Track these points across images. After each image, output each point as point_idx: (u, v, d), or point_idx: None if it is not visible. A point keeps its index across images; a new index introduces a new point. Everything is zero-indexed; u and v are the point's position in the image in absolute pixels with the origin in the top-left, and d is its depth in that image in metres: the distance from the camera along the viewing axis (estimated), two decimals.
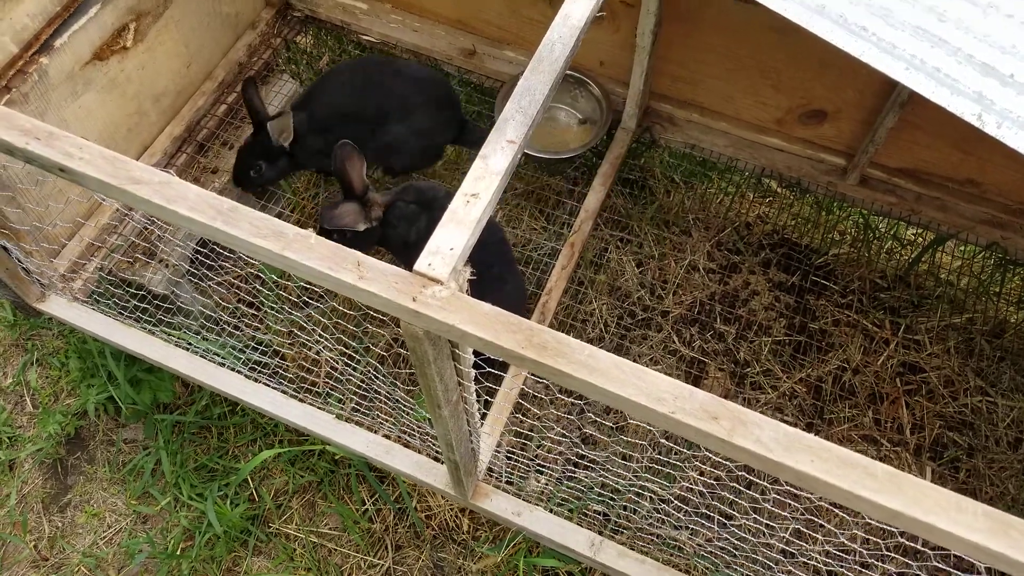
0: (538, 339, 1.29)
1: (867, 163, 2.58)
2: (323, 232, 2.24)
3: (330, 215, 2.28)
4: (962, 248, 2.70)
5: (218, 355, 2.44)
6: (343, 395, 2.40)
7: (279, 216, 2.85)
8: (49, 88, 2.35)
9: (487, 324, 1.31)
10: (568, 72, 2.86)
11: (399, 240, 2.38)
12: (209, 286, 2.60)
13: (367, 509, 2.55)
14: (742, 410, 1.21)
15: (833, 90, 2.47)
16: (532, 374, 2.30)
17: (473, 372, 1.63)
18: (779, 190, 2.87)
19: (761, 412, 2.41)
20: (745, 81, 2.58)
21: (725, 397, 2.43)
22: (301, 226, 2.81)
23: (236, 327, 2.55)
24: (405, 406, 2.01)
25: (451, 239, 1.40)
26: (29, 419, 2.86)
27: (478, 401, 1.76)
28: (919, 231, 2.78)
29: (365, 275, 1.36)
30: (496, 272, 2.26)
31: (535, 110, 1.55)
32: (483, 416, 2.30)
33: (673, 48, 2.57)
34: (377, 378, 1.93)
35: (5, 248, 2.31)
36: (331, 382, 2.41)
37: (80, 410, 2.79)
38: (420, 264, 1.37)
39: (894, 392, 2.44)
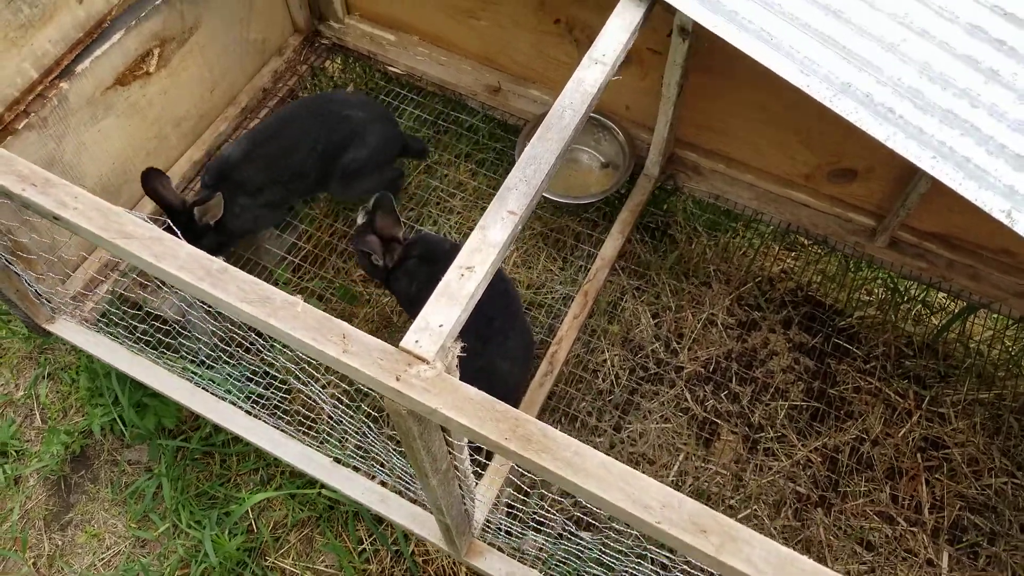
0: (523, 430, 1.23)
1: (897, 226, 2.48)
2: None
3: (360, 239, 2.34)
4: (994, 318, 2.59)
5: (221, 387, 2.42)
6: (342, 437, 2.36)
7: (292, 247, 2.82)
8: (69, 113, 2.35)
9: (471, 410, 1.25)
10: (592, 115, 2.81)
11: (403, 292, 2.34)
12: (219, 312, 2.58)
13: (364, 549, 2.51)
14: (733, 525, 1.14)
15: (865, 149, 2.38)
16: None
17: (466, 441, 1.58)
18: (806, 243, 2.78)
19: (773, 480, 2.36)
20: (773, 135, 2.50)
21: (736, 463, 2.37)
22: (315, 257, 2.83)
23: (245, 352, 2.52)
24: (397, 464, 1.96)
25: (441, 315, 1.35)
26: (37, 433, 2.86)
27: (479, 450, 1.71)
28: (950, 297, 2.67)
29: (349, 348, 1.32)
30: (498, 325, 2.21)
31: (540, 180, 1.50)
32: (484, 466, 2.24)
33: (700, 98, 2.50)
34: (368, 436, 1.89)
35: (16, 270, 2.31)
36: (332, 420, 2.37)
37: (87, 428, 2.79)
38: (407, 340, 1.32)
39: (914, 468, 2.34)
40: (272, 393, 2.40)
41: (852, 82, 1.50)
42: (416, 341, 1.31)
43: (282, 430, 2.30)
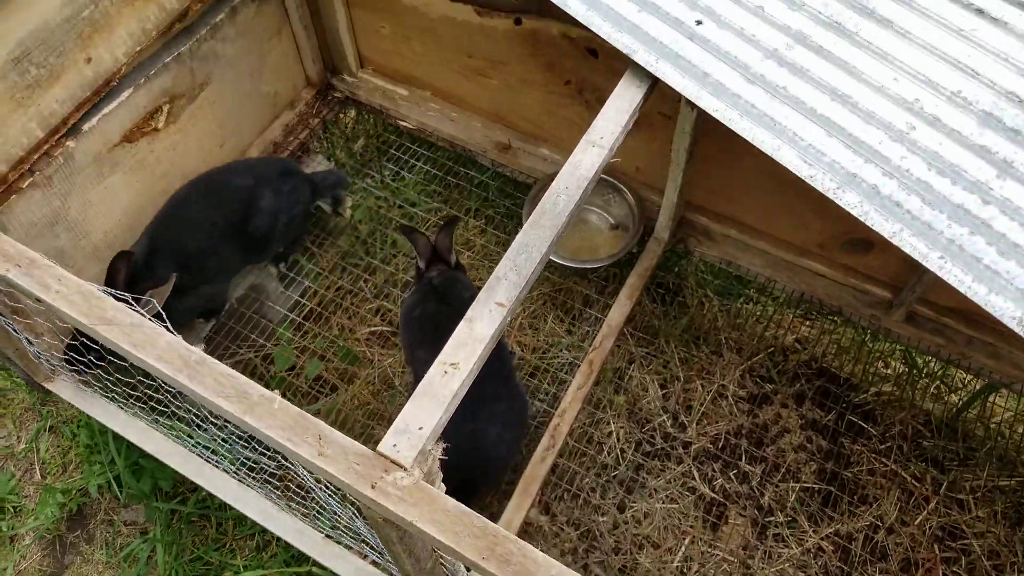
0: (502, 549, 1.16)
1: (915, 300, 2.39)
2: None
3: (416, 235, 2.45)
4: (1015, 399, 2.48)
5: (214, 454, 2.37)
6: (332, 515, 2.30)
7: (295, 304, 2.79)
8: (74, 171, 2.34)
9: (448, 525, 1.19)
10: (603, 176, 2.76)
11: (406, 306, 2.42)
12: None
13: None
14: None
15: None
16: None
17: None
18: (820, 312, 2.70)
19: (782, 570, 2.26)
20: (786, 202, 2.43)
21: (744, 548, 2.28)
22: (318, 315, 2.79)
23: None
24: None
25: (421, 417, 1.29)
26: (36, 489, 2.83)
27: None
28: (970, 375, 2.56)
29: (325, 451, 1.26)
30: (489, 390, 2.14)
31: (530, 269, 1.44)
32: None
33: (711, 163, 2.45)
34: (356, 521, 1.82)
35: (14, 329, 2.29)
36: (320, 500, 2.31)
37: (84, 486, 2.75)
38: (385, 444, 1.26)
39: (931, 559, 2.22)
40: (265, 464, 2.35)
41: (858, 173, 1.44)
42: (394, 445, 1.25)
43: (274, 501, 2.24)
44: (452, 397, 1.31)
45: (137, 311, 1.42)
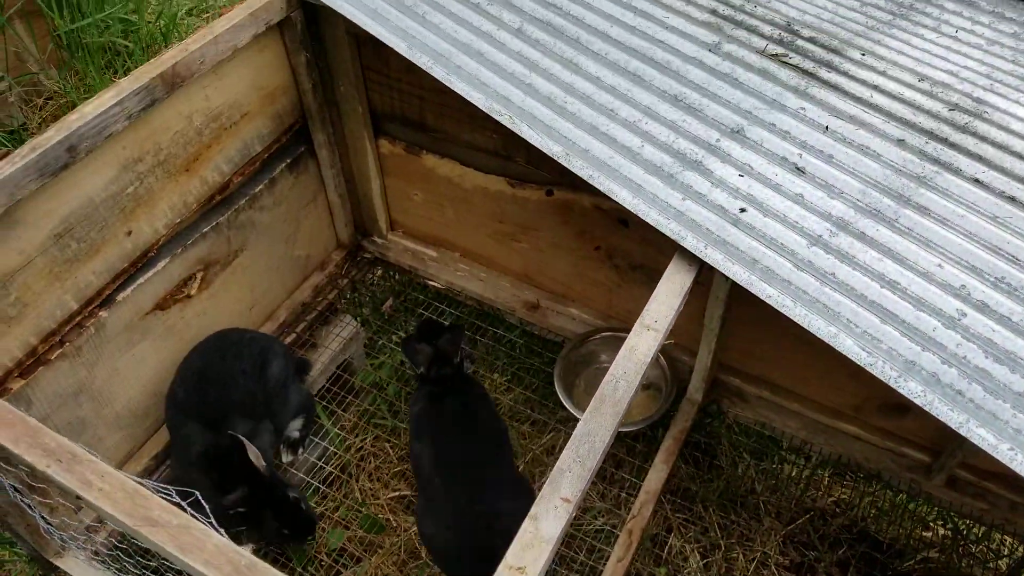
0: None
1: (956, 464, 2.35)
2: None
3: (412, 347, 2.50)
4: None
5: None
6: None
7: (313, 466, 2.73)
8: (104, 340, 2.34)
9: None
10: None
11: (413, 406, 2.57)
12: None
13: None
14: None
15: None
16: None
17: None
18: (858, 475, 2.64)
19: None
20: (820, 365, 2.43)
21: None
22: (335, 479, 2.72)
23: None
24: None
25: None
26: None
27: None
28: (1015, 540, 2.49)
29: None
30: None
31: (594, 460, 1.41)
32: None
33: (744, 324, 2.46)
34: None
35: (30, 507, 2.22)
36: None
37: None
38: None
39: None
40: None
41: (917, 360, 1.44)
42: None
43: None
44: None
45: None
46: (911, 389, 1.41)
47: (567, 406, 2.69)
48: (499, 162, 2.61)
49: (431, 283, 3.09)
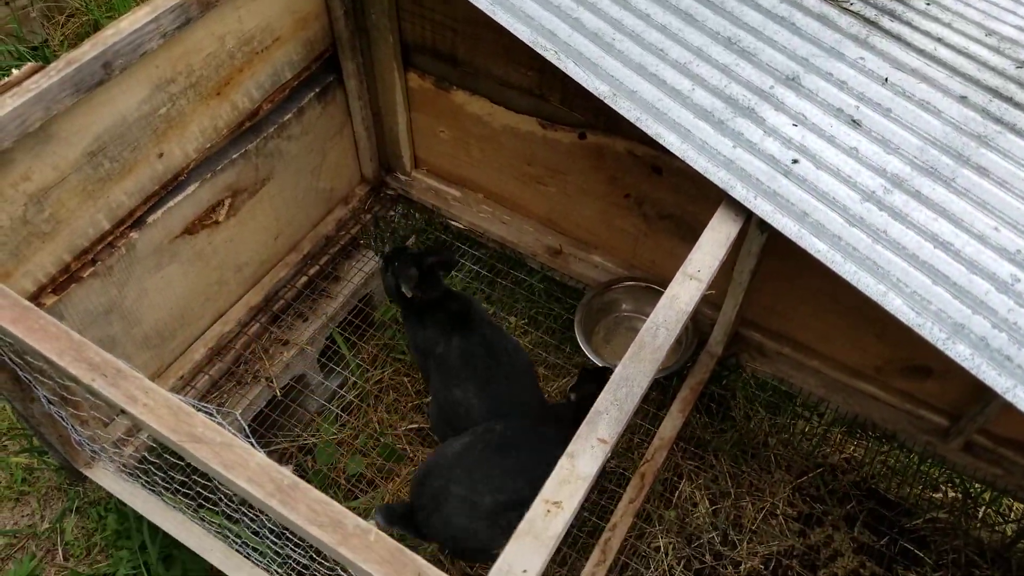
0: None
1: (975, 430, 2.37)
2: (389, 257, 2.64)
3: (397, 264, 2.54)
4: None
5: (255, 548, 2.29)
6: None
7: (333, 395, 2.75)
8: (135, 261, 2.34)
9: None
10: (656, 287, 2.76)
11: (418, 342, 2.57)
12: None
13: None
14: None
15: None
16: None
17: None
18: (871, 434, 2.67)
19: None
20: (845, 324, 2.43)
21: None
22: (355, 407, 2.75)
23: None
24: None
25: (525, 558, 1.25)
26: (57, 571, 2.74)
27: None
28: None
29: None
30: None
31: (632, 404, 1.42)
32: None
33: (771, 279, 2.45)
34: None
35: (63, 417, 2.24)
36: None
37: (110, 572, 2.66)
38: None
39: None
40: (316, 570, 2.28)
41: (966, 324, 1.44)
42: None
43: None
44: (556, 539, 1.27)
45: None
46: (959, 352, 1.41)
47: (586, 352, 2.70)
48: (532, 101, 2.57)
49: (453, 223, 3.07)
